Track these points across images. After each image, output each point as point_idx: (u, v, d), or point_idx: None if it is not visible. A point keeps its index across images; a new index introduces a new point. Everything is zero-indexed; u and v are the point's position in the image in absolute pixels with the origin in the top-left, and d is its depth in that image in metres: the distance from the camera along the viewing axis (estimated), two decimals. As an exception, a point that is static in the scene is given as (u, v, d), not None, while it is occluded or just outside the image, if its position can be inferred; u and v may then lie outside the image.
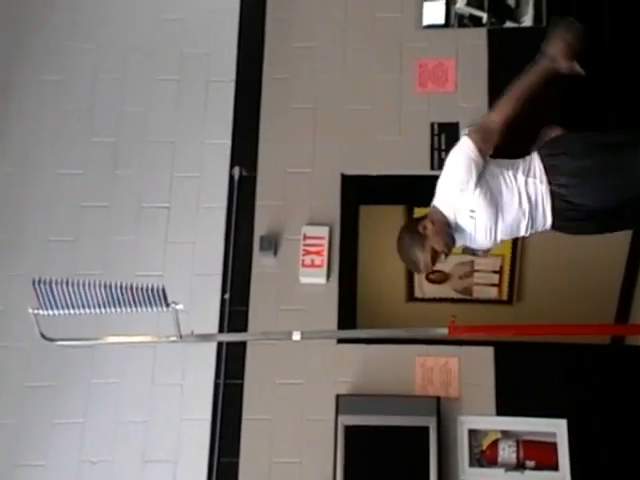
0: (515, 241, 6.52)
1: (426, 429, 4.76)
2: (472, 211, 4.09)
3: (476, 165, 4.02)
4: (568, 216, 4.01)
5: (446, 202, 4.15)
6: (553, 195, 3.98)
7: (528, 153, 4.18)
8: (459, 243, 4.28)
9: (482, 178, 4.04)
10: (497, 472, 4.79)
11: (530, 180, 4.00)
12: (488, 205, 4.06)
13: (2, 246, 5.44)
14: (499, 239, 4.21)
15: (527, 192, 4.00)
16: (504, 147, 4.15)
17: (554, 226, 4.06)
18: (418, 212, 5.67)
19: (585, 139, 4.09)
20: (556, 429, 4.82)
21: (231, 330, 5.15)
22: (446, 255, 4.19)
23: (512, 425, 4.87)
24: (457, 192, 4.07)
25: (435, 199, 4.23)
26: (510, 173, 4.04)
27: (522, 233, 4.19)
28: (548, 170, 3.99)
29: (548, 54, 4.16)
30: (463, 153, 4.06)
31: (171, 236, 5.41)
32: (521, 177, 4.02)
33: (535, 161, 4.06)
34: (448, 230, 4.13)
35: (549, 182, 3.98)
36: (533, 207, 4.03)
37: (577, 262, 6.48)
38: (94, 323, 4.10)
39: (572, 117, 5.32)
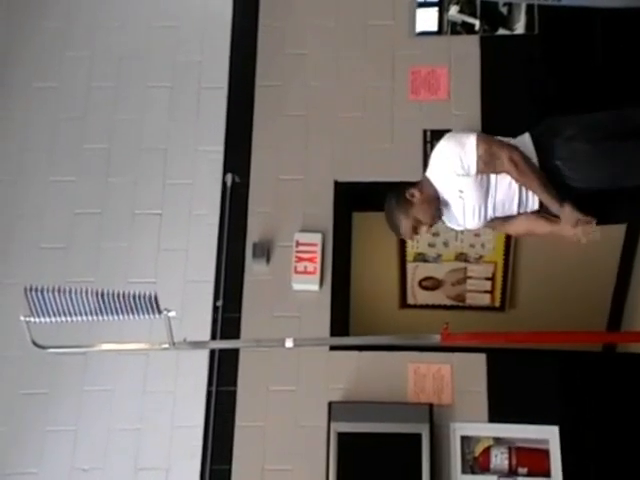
0: (508, 248, 6.53)
1: (418, 436, 4.75)
2: (461, 191, 4.09)
3: (465, 166, 4.03)
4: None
5: (438, 177, 4.15)
6: (546, 170, 3.97)
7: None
8: (447, 221, 4.27)
9: None
10: (489, 479, 4.79)
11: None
12: (478, 188, 4.06)
13: (-6, 253, 5.43)
14: (489, 217, 4.21)
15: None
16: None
17: (542, 206, 4.06)
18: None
19: (579, 121, 4.07)
20: (548, 436, 4.82)
21: (224, 337, 5.15)
22: (430, 226, 4.20)
23: (504, 432, 4.87)
24: (453, 174, 4.07)
25: (428, 170, 4.23)
26: None
27: (514, 211, 4.20)
28: (539, 151, 3.99)
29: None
30: (470, 143, 4.07)
31: (164, 243, 5.41)
32: None
33: (527, 142, 4.05)
34: (436, 203, 4.12)
35: (539, 160, 3.97)
36: (522, 187, 4.03)
37: (569, 269, 6.48)
38: (86, 330, 4.09)
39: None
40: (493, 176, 4.11)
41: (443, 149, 4.30)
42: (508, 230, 4.46)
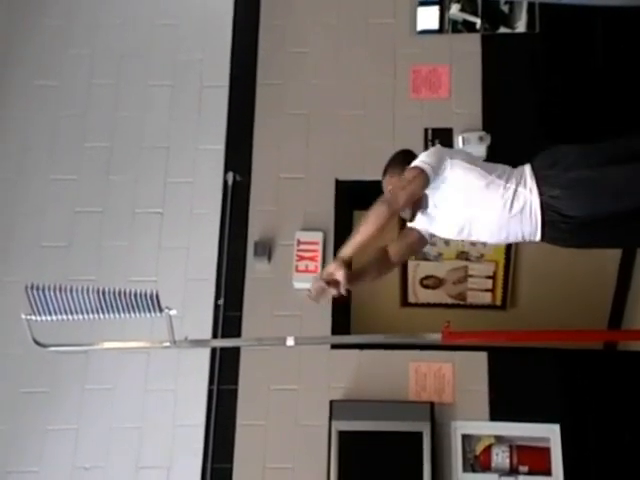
0: (509, 247, 6.53)
1: (420, 434, 4.76)
2: (435, 205, 4.05)
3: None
4: (559, 228, 3.96)
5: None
6: (543, 206, 3.93)
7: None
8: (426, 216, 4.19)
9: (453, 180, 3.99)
10: (491, 477, 4.79)
11: (520, 189, 3.96)
12: (452, 206, 4.00)
13: (-5, 251, 5.44)
14: (472, 239, 4.17)
15: (515, 201, 3.95)
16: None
17: (544, 237, 4.02)
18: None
19: (579, 150, 4.04)
20: (549, 434, 4.83)
21: (225, 336, 5.16)
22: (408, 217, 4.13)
23: (505, 430, 4.88)
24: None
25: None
26: (501, 181, 3.98)
27: (510, 240, 4.16)
28: (540, 181, 3.95)
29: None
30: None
31: (165, 241, 5.41)
32: (511, 186, 3.97)
33: (527, 171, 4.01)
34: (419, 200, 4.04)
35: (540, 193, 3.94)
36: (522, 217, 3.98)
37: (570, 268, 6.48)
38: (87, 329, 4.09)
39: (564, 131, 5.36)
40: (482, 201, 4.02)
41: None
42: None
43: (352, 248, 3.84)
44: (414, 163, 3.95)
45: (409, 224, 4.17)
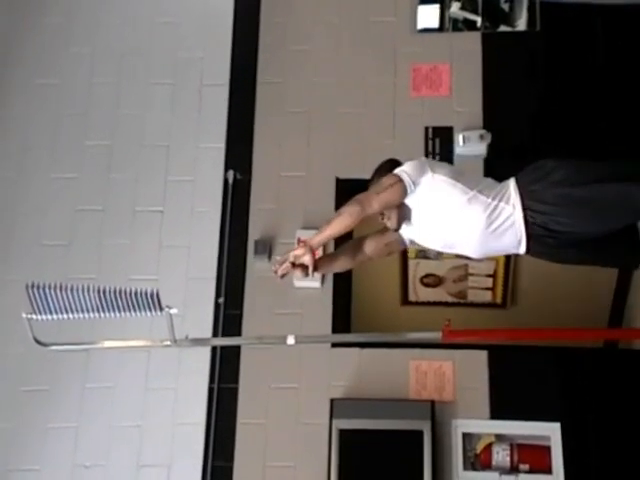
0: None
1: (420, 433, 4.76)
2: (418, 219, 4.05)
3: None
4: (545, 242, 3.96)
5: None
6: (528, 221, 3.93)
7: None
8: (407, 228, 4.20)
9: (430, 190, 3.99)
10: (491, 476, 4.79)
11: (502, 204, 3.95)
12: (434, 221, 4.00)
13: (-4, 250, 5.44)
14: (457, 252, 4.17)
15: (496, 217, 3.94)
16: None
17: (529, 251, 4.02)
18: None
19: (566, 167, 4.03)
20: (550, 433, 4.83)
21: (225, 334, 5.16)
22: (385, 220, 4.12)
23: (506, 429, 4.88)
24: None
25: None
26: (482, 196, 3.96)
27: (493, 254, 4.17)
28: (524, 196, 3.94)
29: None
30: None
31: (165, 240, 5.41)
32: (492, 202, 3.96)
33: (511, 186, 4.00)
34: (401, 209, 4.05)
35: (524, 207, 3.93)
36: (503, 232, 3.96)
37: (571, 266, 6.46)
38: (88, 328, 4.08)
39: (564, 130, 5.36)
40: (461, 215, 4.01)
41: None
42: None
43: (321, 239, 3.88)
44: (395, 171, 3.97)
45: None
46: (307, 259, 3.85)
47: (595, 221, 3.91)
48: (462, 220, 3.94)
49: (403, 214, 4.05)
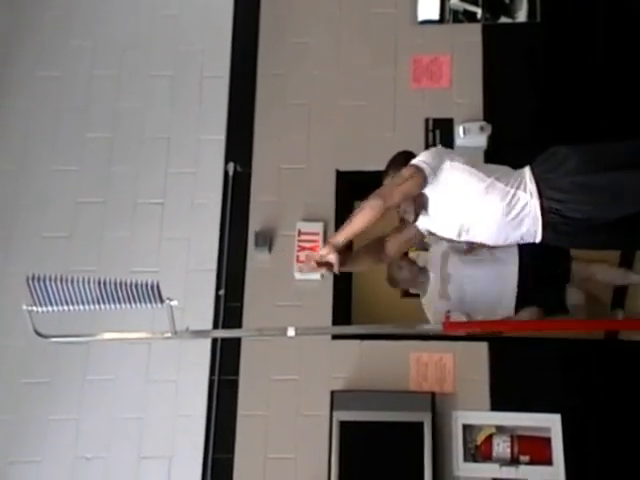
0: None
1: (421, 424, 4.76)
2: (435, 207, 4.06)
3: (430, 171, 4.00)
4: (561, 230, 3.97)
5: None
6: (544, 209, 3.93)
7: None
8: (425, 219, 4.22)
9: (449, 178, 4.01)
10: (491, 467, 4.79)
11: (519, 193, 3.95)
12: (452, 208, 4.02)
13: (-3, 242, 5.45)
14: (472, 240, 4.19)
15: (514, 205, 3.95)
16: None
17: (544, 239, 4.03)
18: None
19: (581, 154, 4.03)
20: (550, 424, 4.83)
21: (226, 326, 5.16)
22: (401, 215, 4.17)
23: (506, 420, 4.88)
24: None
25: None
26: (500, 184, 3.98)
27: (510, 242, 4.17)
28: (540, 184, 3.95)
29: None
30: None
31: (166, 232, 5.42)
32: (510, 189, 3.97)
33: (526, 174, 4.01)
34: (418, 204, 4.08)
35: (540, 196, 3.94)
36: (521, 220, 3.97)
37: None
38: (89, 320, 4.09)
39: (564, 121, 5.35)
40: (479, 203, 4.02)
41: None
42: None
43: (344, 236, 3.94)
44: (412, 162, 3.97)
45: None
46: (332, 258, 3.92)
47: (611, 207, 3.92)
48: (480, 208, 3.96)
49: (420, 205, 4.07)
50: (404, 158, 4.17)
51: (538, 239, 4.01)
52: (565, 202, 3.91)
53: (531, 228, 3.96)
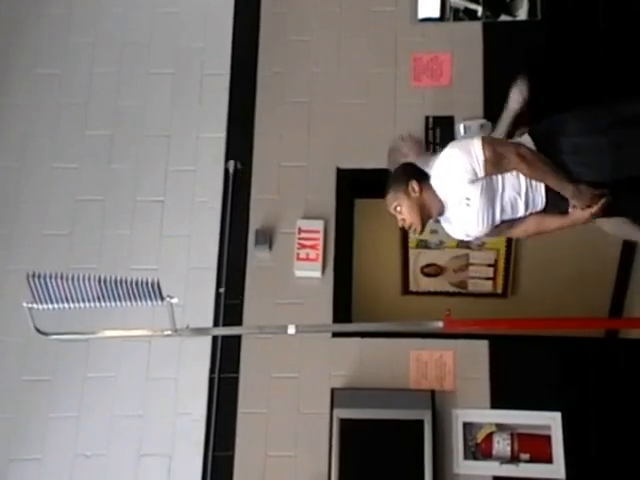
0: (510, 235, 6.53)
1: (421, 422, 4.76)
2: (467, 199, 4.10)
3: (473, 171, 4.04)
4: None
5: (442, 186, 4.17)
6: None
7: None
8: (452, 232, 4.28)
9: None
10: (492, 465, 4.80)
11: None
12: (485, 193, 4.06)
13: (-3, 240, 5.45)
14: (497, 222, 4.22)
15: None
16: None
17: (548, 205, 4.06)
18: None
19: (580, 116, 4.06)
20: (551, 422, 4.83)
21: (226, 324, 5.16)
22: (410, 227, 4.22)
23: (507, 418, 4.88)
24: (459, 183, 4.08)
25: (432, 178, 4.24)
26: None
27: (520, 213, 4.20)
28: (540, 147, 3.98)
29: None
30: (475, 148, 4.08)
31: (166, 230, 5.41)
32: None
33: (528, 142, 4.04)
34: (428, 213, 4.14)
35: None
36: (528, 187, 4.02)
37: (572, 255, 6.48)
38: (89, 317, 4.09)
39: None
40: (499, 180, 4.10)
41: (448, 158, 4.26)
42: (517, 233, 4.43)
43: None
44: (516, 144, 4.08)
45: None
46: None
47: (613, 169, 3.93)
48: (504, 184, 4.03)
49: (425, 216, 4.12)
50: (407, 172, 4.21)
51: (543, 204, 4.07)
52: (566, 164, 3.93)
53: (540, 193, 4.02)
